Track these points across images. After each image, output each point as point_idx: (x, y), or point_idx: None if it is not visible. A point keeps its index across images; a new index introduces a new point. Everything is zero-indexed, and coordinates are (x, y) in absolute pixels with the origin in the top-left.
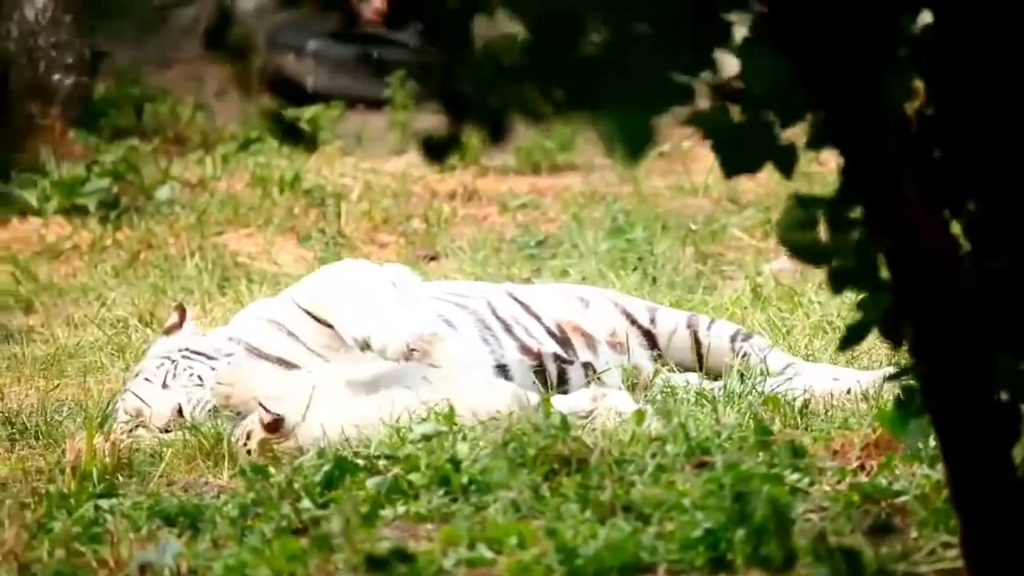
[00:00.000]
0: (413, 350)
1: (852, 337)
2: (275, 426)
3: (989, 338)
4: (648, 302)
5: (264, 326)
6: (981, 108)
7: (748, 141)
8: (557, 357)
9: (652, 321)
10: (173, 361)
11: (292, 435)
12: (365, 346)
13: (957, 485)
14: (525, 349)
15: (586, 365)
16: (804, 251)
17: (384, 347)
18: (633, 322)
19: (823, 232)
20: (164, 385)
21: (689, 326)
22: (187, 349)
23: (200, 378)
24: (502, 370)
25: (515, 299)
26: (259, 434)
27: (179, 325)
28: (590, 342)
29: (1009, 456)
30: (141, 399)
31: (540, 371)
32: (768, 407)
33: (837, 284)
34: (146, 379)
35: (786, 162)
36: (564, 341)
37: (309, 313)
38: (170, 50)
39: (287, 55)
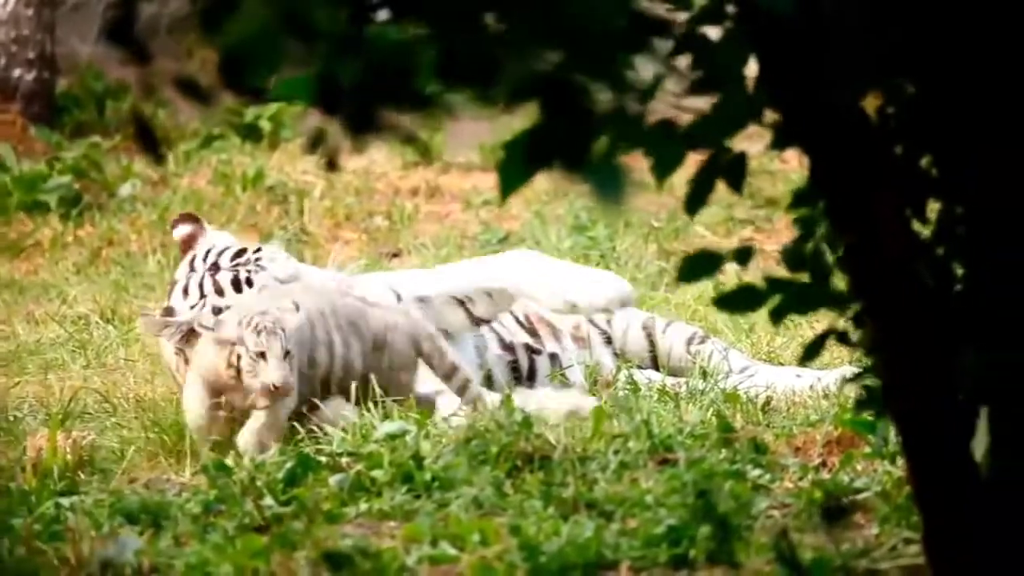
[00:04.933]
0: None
1: (812, 350)
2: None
3: (949, 337)
4: None
5: None
6: (945, 107)
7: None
8: (528, 348)
9: (608, 321)
10: None
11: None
12: None
13: (919, 482)
14: (503, 343)
15: (552, 356)
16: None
17: None
18: (590, 320)
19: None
20: None
21: (644, 327)
22: None
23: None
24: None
25: None
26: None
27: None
28: (556, 333)
29: (969, 453)
30: None
31: (512, 364)
32: (730, 404)
33: (777, 318)
34: None
35: (736, 175)
36: (532, 331)
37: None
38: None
39: None
